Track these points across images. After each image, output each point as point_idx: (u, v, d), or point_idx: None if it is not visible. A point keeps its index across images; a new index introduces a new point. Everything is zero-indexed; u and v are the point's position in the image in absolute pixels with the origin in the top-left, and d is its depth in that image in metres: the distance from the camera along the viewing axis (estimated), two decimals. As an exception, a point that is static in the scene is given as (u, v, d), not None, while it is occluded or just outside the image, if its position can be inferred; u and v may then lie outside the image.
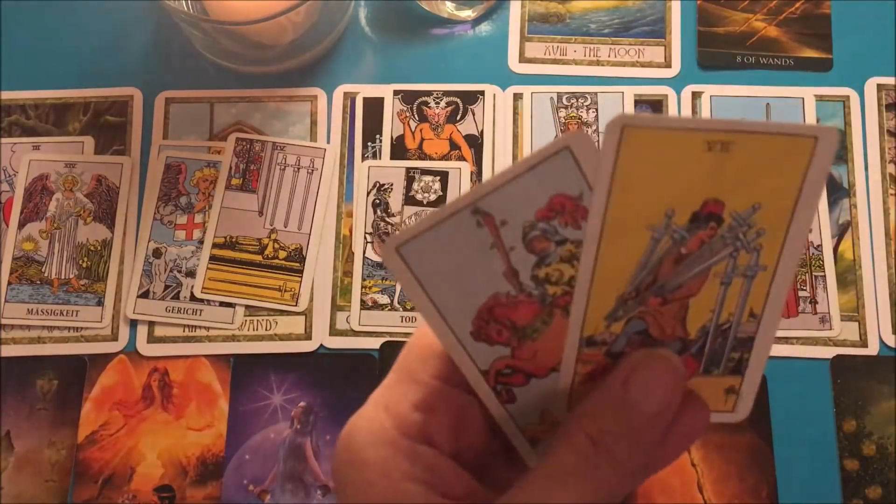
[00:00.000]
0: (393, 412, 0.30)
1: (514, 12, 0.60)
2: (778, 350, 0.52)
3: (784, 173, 0.26)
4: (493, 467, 0.33)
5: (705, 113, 0.56)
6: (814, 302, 0.53)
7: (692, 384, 0.30)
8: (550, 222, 0.27)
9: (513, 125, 0.57)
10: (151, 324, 0.54)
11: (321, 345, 0.53)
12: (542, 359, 0.29)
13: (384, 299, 0.54)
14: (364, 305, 0.54)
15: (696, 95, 0.57)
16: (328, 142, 0.57)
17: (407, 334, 0.53)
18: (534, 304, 0.28)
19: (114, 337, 0.54)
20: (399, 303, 0.54)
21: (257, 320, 0.54)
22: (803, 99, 0.56)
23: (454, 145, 0.57)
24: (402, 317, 0.54)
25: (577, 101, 0.57)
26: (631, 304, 0.28)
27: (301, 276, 0.54)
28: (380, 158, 0.57)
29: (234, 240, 0.55)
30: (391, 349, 0.53)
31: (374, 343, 0.53)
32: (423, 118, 0.57)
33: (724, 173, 0.25)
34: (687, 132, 0.25)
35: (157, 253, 0.55)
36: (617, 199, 0.26)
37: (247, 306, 0.54)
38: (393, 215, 0.55)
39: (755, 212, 0.26)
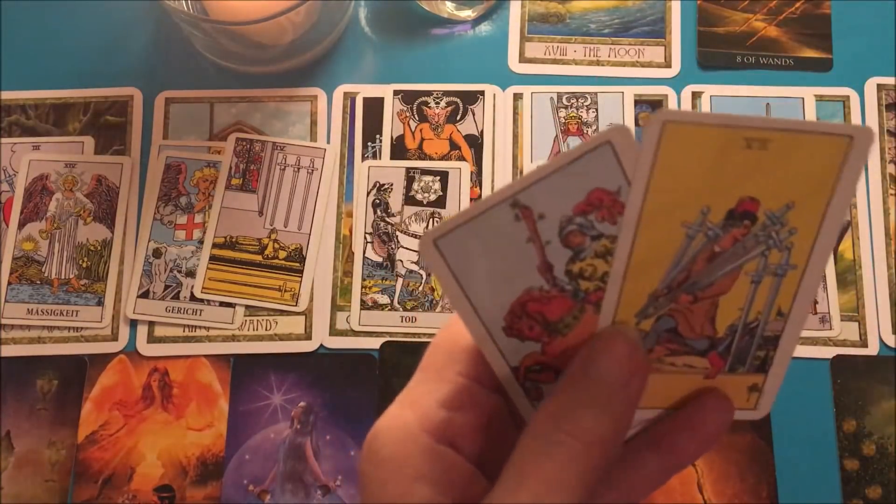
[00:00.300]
0: (418, 409, 0.30)
1: (514, 12, 0.60)
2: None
3: (819, 172, 0.26)
4: None
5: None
6: (814, 302, 0.53)
7: (717, 382, 0.30)
8: (588, 217, 0.27)
9: (513, 125, 0.57)
10: (151, 324, 0.54)
11: (321, 345, 0.53)
12: (572, 354, 0.29)
13: (384, 299, 0.54)
14: (364, 305, 0.54)
15: (696, 95, 0.57)
16: (328, 142, 0.57)
17: (407, 334, 0.53)
18: (566, 300, 0.28)
19: (114, 337, 0.54)
20: (399, 303, 0.54)
21: (257, 320, 0.54)
22: (803, 99, 0.56)
23: (454, 145, 0.57)
24: (401, 317, 0.54)
25: (577, 101, 0.57)
26: (662, 301, 0.28)
27: (301, 276, 0.54)
28: (380, 158, 0.57)
29: (234, 240, 0.55)
30: (391, 349, 0.53)
31: (374, 343, 0.53)
32: (423, 118, 0.57)
33: (761, 171, 0.26)
34: (727, 129, 0.25)
35: (157, 253, 0.55)
36: (654, 195, 0.26)
37: (247, 306, 0.54)
38: (393, 215, 0.55)
39: (789, 210, 0.26)
